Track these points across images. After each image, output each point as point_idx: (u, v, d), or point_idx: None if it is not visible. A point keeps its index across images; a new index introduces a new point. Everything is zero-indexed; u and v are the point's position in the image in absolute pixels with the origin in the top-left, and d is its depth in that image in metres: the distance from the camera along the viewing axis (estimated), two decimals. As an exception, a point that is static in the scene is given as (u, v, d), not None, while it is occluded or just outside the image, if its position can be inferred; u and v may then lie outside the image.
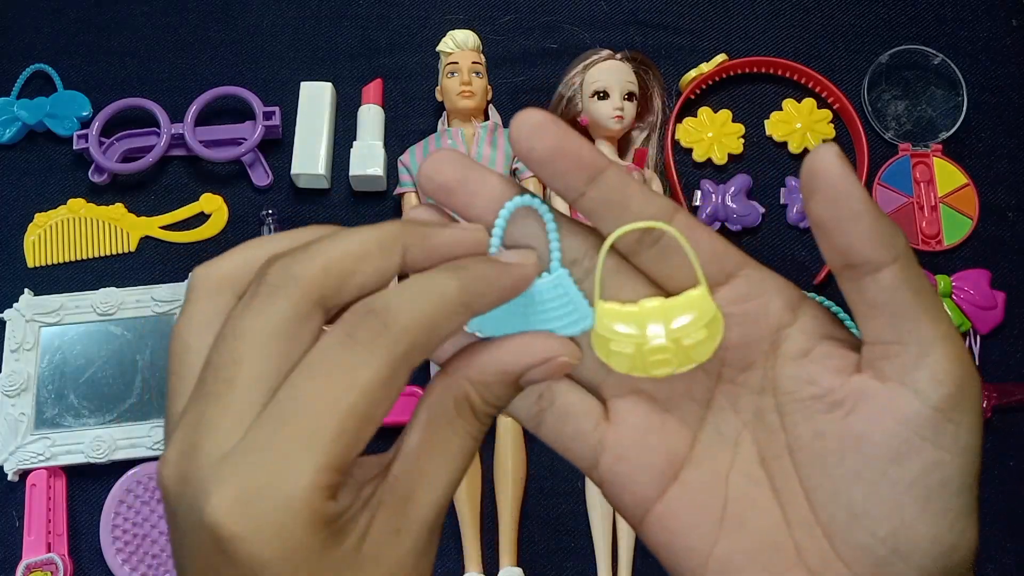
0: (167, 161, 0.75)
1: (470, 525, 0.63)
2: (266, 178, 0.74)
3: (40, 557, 0.63)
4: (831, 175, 0.23)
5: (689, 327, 0.25)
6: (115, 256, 0.73)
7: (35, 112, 0.76)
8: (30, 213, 0.74)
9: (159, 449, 0.66)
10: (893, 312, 0.23)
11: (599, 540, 0.64)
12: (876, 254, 0.23)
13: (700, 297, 0.25)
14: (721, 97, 0.76)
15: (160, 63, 0.79)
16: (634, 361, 0.25)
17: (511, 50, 0.78)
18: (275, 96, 0.76)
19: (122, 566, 0.64)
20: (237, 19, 0.80)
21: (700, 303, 0.25)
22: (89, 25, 0.81)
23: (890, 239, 0.23)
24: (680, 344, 0.25)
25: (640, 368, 0.26)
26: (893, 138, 0.74)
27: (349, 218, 0.73)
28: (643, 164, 0.71)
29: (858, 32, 0.78)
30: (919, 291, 0.23)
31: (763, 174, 0.74)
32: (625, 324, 0.25)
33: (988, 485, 0.66)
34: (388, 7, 0.80)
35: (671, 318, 0.25)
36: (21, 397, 0.68)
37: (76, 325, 0.70)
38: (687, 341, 0.25)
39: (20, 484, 0.66)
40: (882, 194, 0.73)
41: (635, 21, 0.79)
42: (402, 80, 0.77)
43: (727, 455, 0.27)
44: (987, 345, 0.69)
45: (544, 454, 0.67)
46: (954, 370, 0.23)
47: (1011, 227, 0.73)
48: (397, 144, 0.74)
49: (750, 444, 0.27)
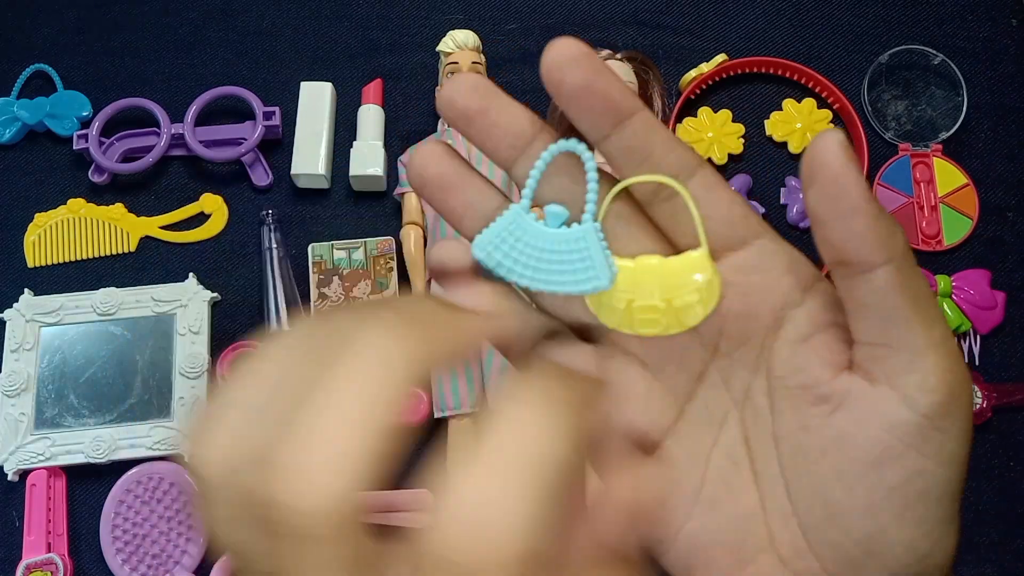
0: (167, 161, 0.75)
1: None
2: (266, 178, 0.74)
3: (40, 557, 0.63)
4: (832, 166, 0.22)
5: (682, 288, 0.24)
6: (115, 256, 0.73)
7: (35, 112, 0.76)
8: (30, 213, 0.74)
9: (159, 449, 0.66)
10: (884, 315, 0.23)
11: (599, 540, 0.64)
12: (870, 254, 0.22)
13: (700, 259, 0.24)
14: (721, 97, 0.76)
15: (160, 63, 0.79)
16: (623, 317, 0.25)
17: (511, 50, 0.78)
18: (275, 96, 0.76)
19: (122, 566, 0.64)
20: (237, 19, 0.80)
21: (699, 265, 0.24)
22: (89, 25, 0.81)
23: (887, 239, 0.22)
24: (671, 305, 0.24)
25: (627, 325, 0.25)
26: (893, 138, 0.74)
27: (349, 218, 0.73)
28: (643, 164, 0.71)
29: (858, 32, 0.78)
30: (914, 295, 0.22)
31: (763, 174, 0.74)
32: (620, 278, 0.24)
33: (988, 485, 0.66)
34: (388, 7, 0.80)
35: (667, 277, 0.24)
36: (21, 397, 0.68)
37: (76, 325, 0.70)
38: (678, 303, 0.24)
39: (20, 484, 0.66)
40: (882, 194, 0.73)
41: (635, 21, 0.79)
42: (402, 80, 0.77)
43: (712, 433, 0.26)
44: (987, 345, 0.69)
45: (544, 454, 0.67)
46: (945, 378, 0.22)
47: (1011, 227, 0.73)
48: (397, 144, 0.74)
49: (736, 424, 0.26)
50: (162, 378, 0.68)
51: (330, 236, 0.73)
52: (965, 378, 0.23)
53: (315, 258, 0.72)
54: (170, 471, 0.66)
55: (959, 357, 0.23)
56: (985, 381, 0.67)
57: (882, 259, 0.22)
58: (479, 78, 0.25)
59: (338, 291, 0.71)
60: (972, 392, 0.22)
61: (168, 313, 0.70)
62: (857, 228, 0.22)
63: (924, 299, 0.23)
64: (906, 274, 0.22)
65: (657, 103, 0.73)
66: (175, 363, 0.68)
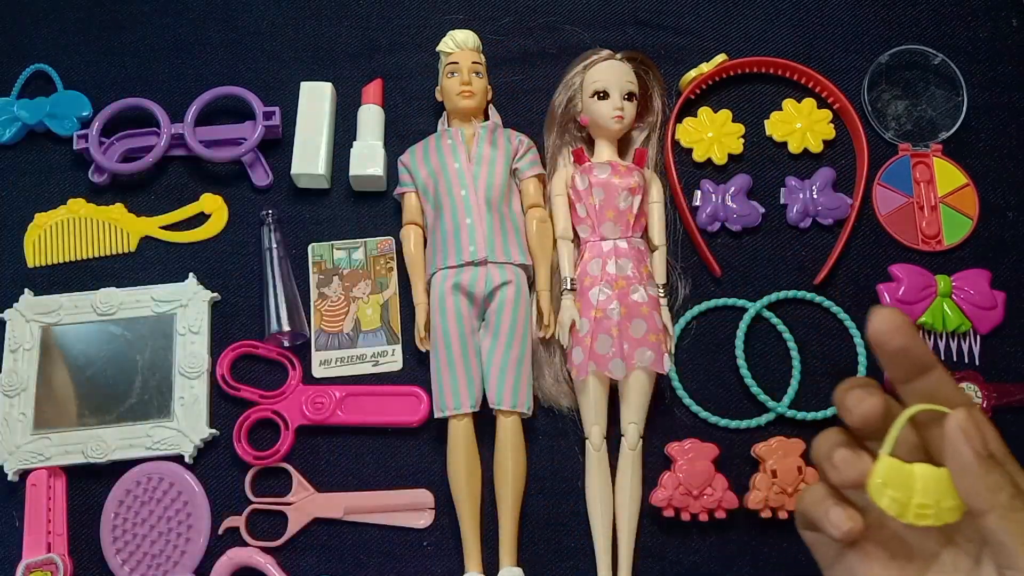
0: (167, 161, 0.75)
1: (470, 525, 0.63)
2: (266, 178, 0.74)
3: (40, 557, 0.63)
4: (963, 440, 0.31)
5: (947, 494, 0.33)
6: (115, 256, 0.73)
7: (35, 112, 0.76)
8: (30, 213, 0.74)
9: (159, 449, 0.66)
10: (995, 551, 0.31)
11: (599, 540, 0.64)
12: (977, 503, 0.31)
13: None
14: (721, 97, 0.76)
15: (160, 63, 0.79)
16: (903, 508, 0.33)
17: (511, 50, 0.78)
18: (275, 96, 0.76)
19: (122, 566, 0.64)
20: (237, 19, 0.80)
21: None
22: (89, 25, 0.81)
23: (991, 490, 0.30)
24: (939, 505, 0.33)
25: (906, 516, 0.33)
26: (893, 138, 0.74)
27: (349, 218, 0.73)
28: (643, 164, 0.71)
29: (858, 32, 0.78)
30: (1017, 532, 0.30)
31: (763, 174, 0.74)
32: (905, 477, 0.33)
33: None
34: (388, 7, 0.80)
35: (938, 483, 0.33)
36: (21, 397, 0.68)
37: (76, 325, 0.70)
38: (944, 504, 0.33)
39: (20, 484, 0.66)
40: (882, 194, 0.73)
41: (635, 21, 0.79)
42: (402, 80, 0.77)
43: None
44: (987, 345, 0.69)
45: (544, 454, 0.67)
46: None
47: (1011, 227, 0.73)
48: (397, 144, 0.74)
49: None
50: (162, 378, 0.68)
51: (330, 236, 0.73)
52: None
53: (315, 258, 0.72)
54: (170, 471, 0.66)
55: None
56: (985, 381, 0.67)
57: (986, 507, 0.31)
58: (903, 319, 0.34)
59: (338, 291, 0.71)
60: None
61: (168, 313, 0.70)
62: (967, 481, 0.31)
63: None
64: (1009, 518, 0.30)
65: (657, 103, 0.73)
66: (175, 363, 0.68)
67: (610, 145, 0.71)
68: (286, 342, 0.70)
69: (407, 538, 0.65)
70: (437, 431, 0.67)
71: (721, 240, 0.72)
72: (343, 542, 0.66)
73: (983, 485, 0.30)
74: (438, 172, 0.69)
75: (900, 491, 0.33)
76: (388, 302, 0.71)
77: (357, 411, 0.67)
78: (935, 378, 0.33)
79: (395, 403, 0.67)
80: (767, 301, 0.70)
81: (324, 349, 0.70)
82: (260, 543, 0.65)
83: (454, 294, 0.66)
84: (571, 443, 0.67)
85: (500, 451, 0.64)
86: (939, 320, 0.69)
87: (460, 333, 0.66)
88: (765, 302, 0.70)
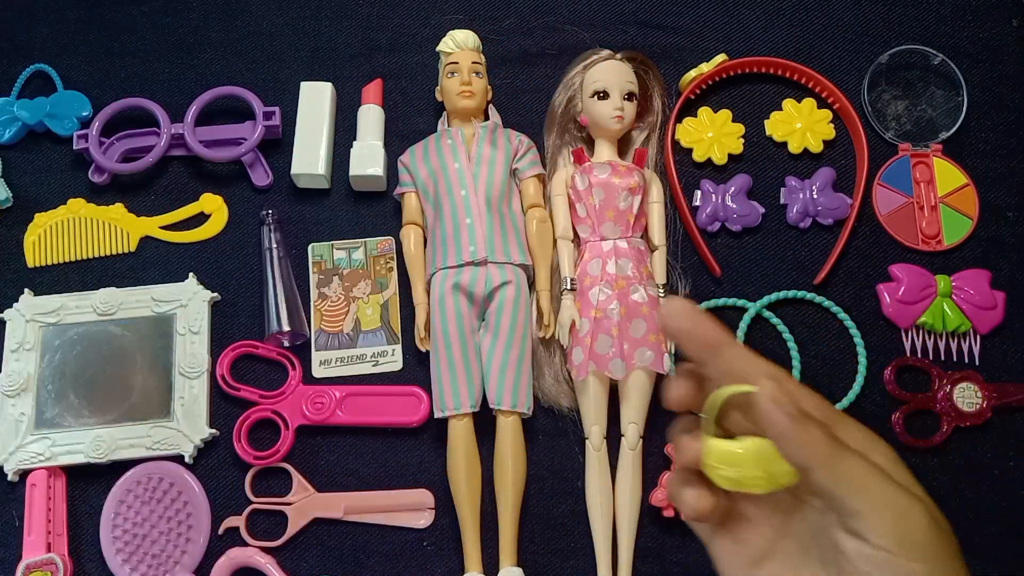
0: (167, 161, 0.75)
1: (470, 525, 0.63)
2: (266, 178, 0.74)
3: (40, 557, 0.63)
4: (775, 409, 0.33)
5: (776, 461, 0.34)
6: (115, 256, 0.73)
7: (35, 112, 0.76)
8: (30, 213, 0.74)
9: (159, 449, 0.66)
10: (831, 503, 0.32)
11: (599, 540, 0.64)
12: (801, 462, 0.33)
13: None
14: (721, 97, 0.76)
15: (160, 63, 0.79)
16: (737, 482, 0.35)
17: (511, 50, 0.78)
18: (275, 96, 0.76)
19: (122, 566, 0.64)
20: (237, 19, 0.80)
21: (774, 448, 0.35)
22: (89, 25, 0.81)
23: (810, 446, 0.32)
24: (771, 471, 0.34)
25: (743, 487, 0.35)
26: (893, 138, 0.74)
27: (349, 218, 0.73)
28: (643, 164, 0.71)
29: (858, 32, 0.78)
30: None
31: (763, 174, 0.74)
32: (730, 455, 0.35)
33: (988, 485, 0.66)
34: (388, 7, 0.80)
35: (763, 453, 0.34)
36: (21, 397, 0.68)
37: (76, 325, 0.70)
38: (775, 470, 0.34)
39: (20, 484, 0.66)
40: (882, 194, 0.73)
41: (635, 21, 0.79)
42: (402, 80, 0.77)
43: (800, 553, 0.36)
44: (987, 345, 0.69)
45: (544, 454, 0.67)
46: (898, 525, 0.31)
47: (1011, 227, 0.73)
48: (397, 144, 0.74)
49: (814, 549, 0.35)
50: (162, 378, 0.68)
51: (330, 236, 0.73)
52: (923, 522, 0.31)
53: (315, 258, 0.72)
54: (170, 471, 0.66)
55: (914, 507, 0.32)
56: (985, 381, 0.67)
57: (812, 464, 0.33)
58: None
59: (338, 291, 0.71)
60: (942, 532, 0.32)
61: (168, 313, 0.70)
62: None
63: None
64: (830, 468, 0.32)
65: (657, 103, 0.73)
66: (175, 363, 0.68)
67: (610, 145, 0.71)
68: (286, 342, 0.70)
69: (407, 538, 0.65)
70: (437, 431, 0.67)
71: (721, 240, 0.72)
72: (343, 542, 0.66)
73: (802, 443, 0.32)
74: (438, 172, 0.69)
75: (731, 467, 0.35)
76: (388, 302, 0.71)
77: (357, 411, 0.67)
78: (729, 353, 0.34)
79: (395, 403, 0.67)
80: (767, 301, 0.70)
81: (324, 349, 0.70)
82: (260, 543, 0.65)
83: (454, 294, 0.66)
84: (571, 443, 0.67)
85: (500, 451, 0.64)
86: (939, 320, 0.69)
87: (460, 333, 0.66)
88: (765, 302, 0.70)
